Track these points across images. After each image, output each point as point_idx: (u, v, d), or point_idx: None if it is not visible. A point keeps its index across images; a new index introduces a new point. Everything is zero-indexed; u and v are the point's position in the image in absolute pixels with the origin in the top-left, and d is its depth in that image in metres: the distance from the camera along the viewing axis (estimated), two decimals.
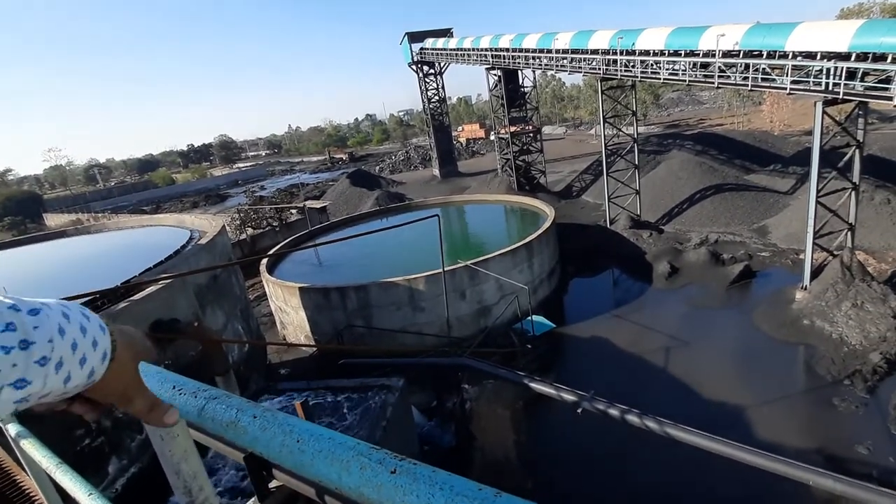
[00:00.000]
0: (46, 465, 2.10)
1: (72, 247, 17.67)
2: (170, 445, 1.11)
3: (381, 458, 0.67)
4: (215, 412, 0.91)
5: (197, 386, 1.00)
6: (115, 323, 0.87)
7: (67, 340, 0.70)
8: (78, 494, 1.84)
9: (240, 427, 0.86)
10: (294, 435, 0.78)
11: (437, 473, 0.63)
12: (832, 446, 11.04)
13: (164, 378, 1.05)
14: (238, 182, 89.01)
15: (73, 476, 1.93)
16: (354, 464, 0.68)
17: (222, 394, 0.95)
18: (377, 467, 0.66)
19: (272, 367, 16.80)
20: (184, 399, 0.98)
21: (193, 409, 0.95)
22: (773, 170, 30.63)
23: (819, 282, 16.16)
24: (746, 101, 57.83)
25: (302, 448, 0.75)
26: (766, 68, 16.42)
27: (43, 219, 64.44)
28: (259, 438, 0.83)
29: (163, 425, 0.91)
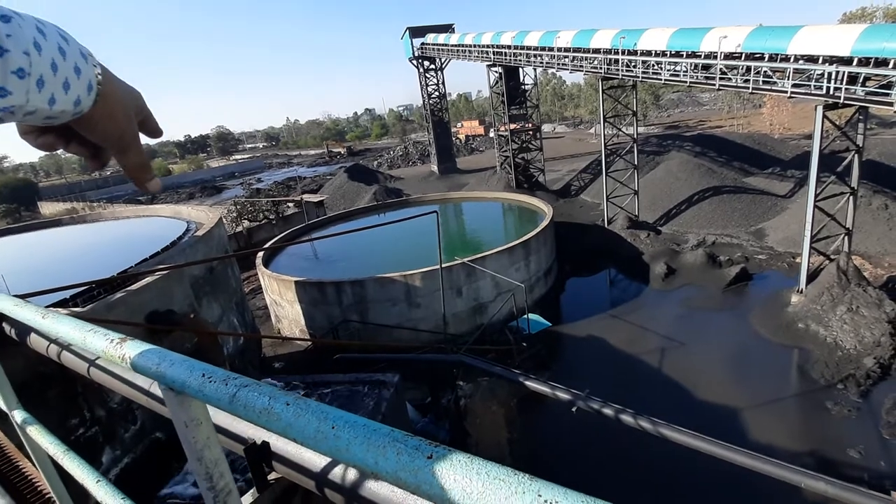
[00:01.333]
0: (54, 452, 2.16)
1: (67, 236, 17.55)
2: (194, 432, 1.13)
3: (417, 444, 0.69)
4: (248, 399, 0.91)
5: (227, 374, 1.00)
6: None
7: (46, 58, 0.67)
8: (86, 481, 1.91)
9: (273, 413, 0.86)
10: (329, 421, 0.78)
11: (474, 460, 0.64)
12: (825, 449, 11.11)
13: (192, 366, 1.05)
14: (235, 174, 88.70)
15: (80, 463, 2.01)
16: (391, 449, 0.69)
17: (253, 382, 0.95)
18: (414, 453, 0.67)
19: (267, 360, 16.77)
20: (214, 387, 0.97)
21: (225, 396, 0.94)
22: (772, 173, 30.70)
23: (815, 285, 16.22)
24: (747, 104, 57.95)
25: (337, 434, 0.75)
26: (768, 71, 16.41)
27: (38, 207, 64.08)
28: (293, 425, 0.82)
29: (146, 189, 0.95)
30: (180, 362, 1.07)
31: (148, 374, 1.12)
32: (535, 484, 0.61)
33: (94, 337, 1.34)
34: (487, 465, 0.63)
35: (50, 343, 2.65)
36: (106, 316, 9.36)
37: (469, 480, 0.61)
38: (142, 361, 1.14)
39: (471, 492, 0.61)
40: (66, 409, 8.95)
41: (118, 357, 1.22)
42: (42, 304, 8.94)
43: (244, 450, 2.38)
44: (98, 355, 1.32)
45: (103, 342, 1.29)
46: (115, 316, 9.53)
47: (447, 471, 0.63)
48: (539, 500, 0.59)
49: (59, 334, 1.52)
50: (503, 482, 0.61)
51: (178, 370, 1.05)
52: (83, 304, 9.93)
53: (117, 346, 1.24)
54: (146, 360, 1.13)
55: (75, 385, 9.10)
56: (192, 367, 1.04)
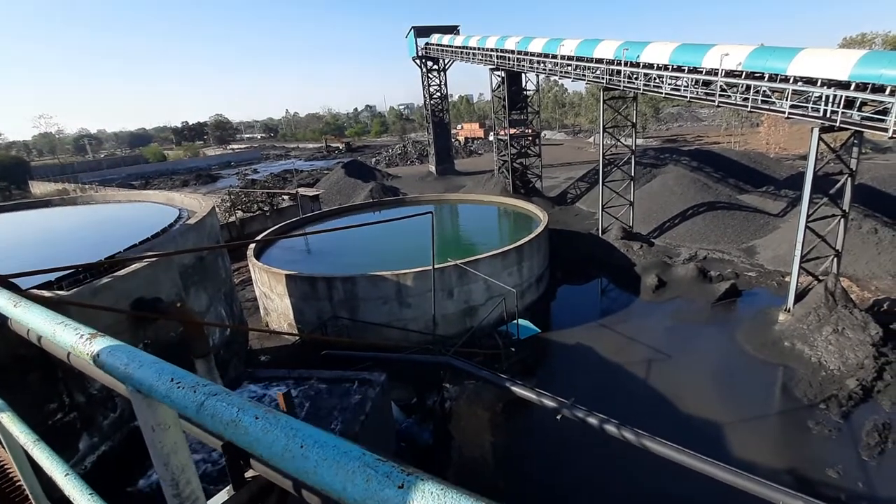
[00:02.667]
0: (24, 441, 2.13)
1: (56, 217, 17.26)
2: (161, 437, 1.11)
3: (388, 471, 0.65)
4: (215, 409, 0.88)
5: (196, 380, 0.97)
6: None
7: None
8: (54, 473, 1.89)
9: (241, 427, 0.83)
10: (297, 440, 0.75)
11: (447, 492, 0.60)
12: (804, 468, 11.20)
13: (162, 369, 1.02)
14: (231, 164, 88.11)
15: (49, 454, 2.00)
16: (360, 475, 0.65)
17: (222, 390, 0.93)
18: (384, 480, 0.63)
19: (253, 353, 16.61)
20: (182, 393, 0.95)
21: (192, 404, 0.92)
22: (766, 191, 31.00)
23: (802, 305, 16.38)
24: (745, 122, 58.50)
25: (305, 454, 0.72)
26: (767, 91, 16.57)
27: (29, 186, 63.13)
28: (261, 440, 0.79)
29: None
30: (149, 364, 1.04)
31: (115, 374, 1.08)
32: None
33: (63, 331, 1.31)
34: (462, 498, 0.59)
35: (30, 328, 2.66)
36: (91, 301, 9.20)
37: None
38: (110, 360, 1.11)
39: None
40: (46, 393, 8.81)
41: (87, 353, 1.19)
42: (26, 285, 8.77)
43: (222, 446, 2.32)
44: (67, 349, 1.30)
45: (73, 337, 1.26)
46: (101, 301, 9.37)
47: (418, 503, 0.59)
48: None
49: (30, 324, 1.49)
50: None
51: (147, 373, 1.01)
52: (68, 288, 9.75)
53: (86, 342, 1.22)
54: (114, 360, 1.10)
55: (56, 370, 8.97)
56: (162, 370, 1.01)
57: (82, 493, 1.72)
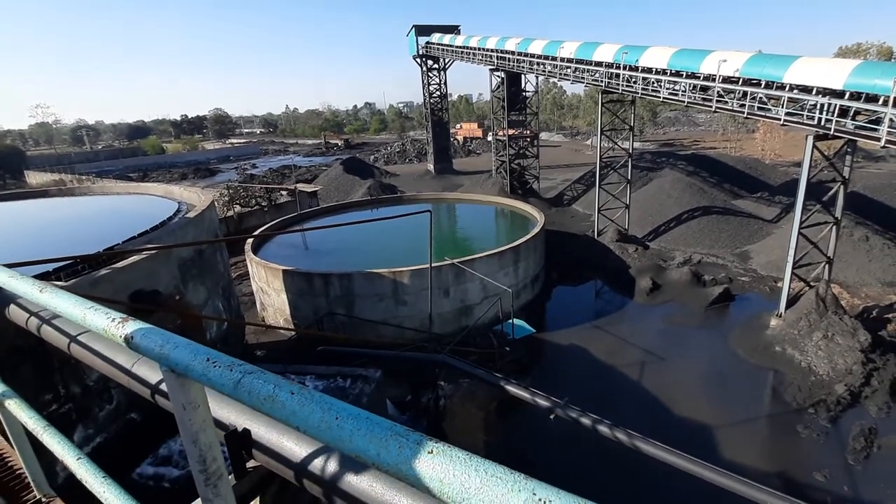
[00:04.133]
0: (33, 427, 2.14)
1: (53, 208, 17.21)
2: (191, 415, 1.15)
3: (419, 439, 0.71)
4: (252, 386, 0.93)
5: (231, 360, 1.01)
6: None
7: None
8: (66, 458, 1.90)
9: (278, 402, 0.88)
10: (333, 412, 0.80)
11: (472, 457, 0.67)
12: (792, 471, 11.38)
13: (196, 350, 1.06)
14: (230, 158, 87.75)
15: (61, 440, 2.00)
16: (393, 443, 0.71)
17: (256, 369, 0.97)
18: (415, 447, 0.70)
19: (249, 347, 16.64)
20: (218, 372, 0.99)
21: (230, 381, 0.96)
22: (760, 197, 31.28)
23: (794, 311, 16.60)
24: (741, 128, 58.90)
25: (341, 425, 0.77)
26: (763, 97, 16.75)
27: (24, 176, 62.57)
28: (297, 413, 0.84)
29: None
30: (184, 345, 1.08)
31: (150, 355, 1.12)
32: (531, 483, 0.66)
33: (94, 314, 1.32)
34: (486, 464, 0.66)
35: (30, 316, 2.59)
36: (89, 292, 9.20)
37: (468, 476, 0.64)
38: (144, 342, 1.14)
39: (469, 487, 0.64)
40: (41, 383, 8.82)
41: (119, 336, 1.21)
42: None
43: (225, 436, 2.36)
44: (97, 332, 1.30)
45: (104, 320, 1.28)
46: (99, 293, 9.38)
47: (447, 466, 0.66)
48: (534, 498, 0.65)
49: (57, 309, 1.49)
50: (500, 480, 0.64)
51: (182, 353, 1.06)
52: (66, 279, 9.76)
53: (119, 325, 1.24)
54: (149, 342, 1.13)
55: (52, 360, 8.97)
56: (196, 350, 1.06)
57: (95, 477, 1.74)
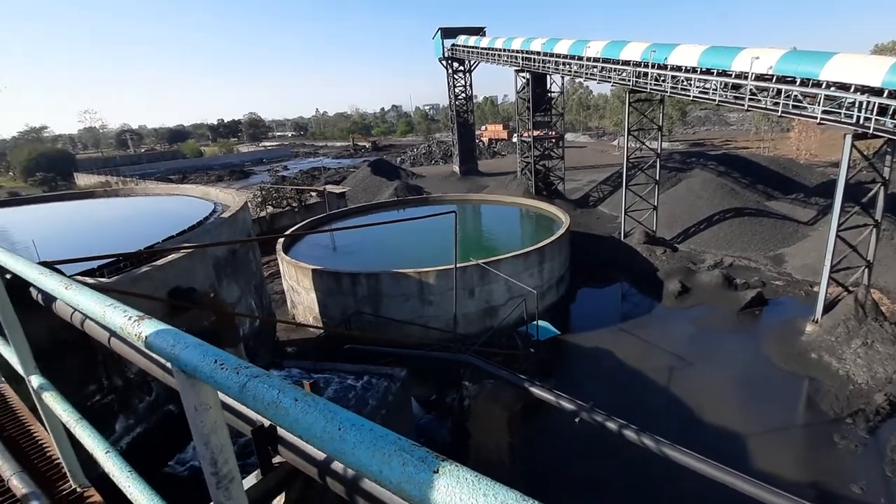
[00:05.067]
0: (67, 420, 2.19)
1: (99, 208, 18.17)
2: (202, 417, 1.14)
3: (424, 456, 0.67)
4: (257, 390, 0.90)
5: (238, 362, 0.99)
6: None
7: None
8: (95, 451, 1.96)
9: (281, 408, 0.85)
10: (336, 423, 0.77)
11: (481, 479, 0.61)
12: (827, 482, 11.01)
13: (206, 351, 1.05)
14: (263, 160, 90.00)
15: (92, 433, 2.06)
16: (396, 459, 0.67)
17: (263, 373, 0.96)
18: (419, 465, 0.65)
19: (280, 344, 17.12)
20: (225, 374, 0.97)
21: (235, 385, 0.94)
22: (795, 198, 30.22)
23: (831, 316, 16.02)
24: (775, 127, 56.96)
25: (343, 437, 0.74)
26: (798, 95, 16.24)
27: (74, 178, 65.79)
28: (300, 421, 0.81)
29: None
30: (195, 346, 1.07)
31: (162, 354, 1.13)
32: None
33: (112, 312, 1.34)
34: (496, 487, 0.61)
35: (74, 311, 2.62)
36: (130, 288, 9.69)
37: (475, 501, 0.60)
38: (157, 341, 1.15)
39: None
40: (85, 376, 9.32)
41: (134, 334, 1.22)
42: (70, 272, 9.32)
43: (252, 431, 2.42)
44: (115, 329, 1.31)
45: (121, 318, 1.29)
46: (140, 289, 9.86)
47: (453, 488, 0.61)
48: None
49: (80, 306, 1.53)
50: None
51: (192, 354, 1.05)
52: (109, 276, 10.30)
53: (135, 323, 1.24)
54: (161, 341, 1.14)
55: (96, 354, 9.47)
56: (206, 352, 1.04)
57: (122, 471, 1.76)
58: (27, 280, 1.96)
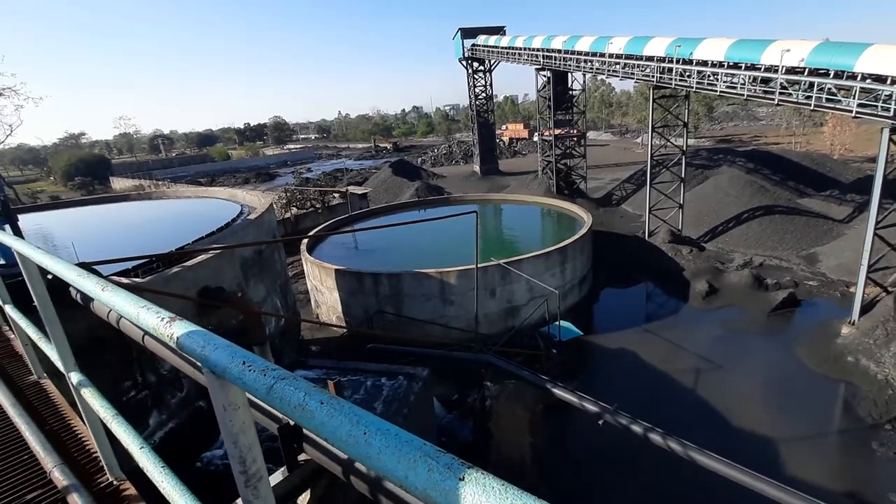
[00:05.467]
0: (104, 415, 2.26)
1: (133, 211, 18.91)
2: (231, 417, 1.17)
3: (449, 462, 0.66)
4: (284, 392, 0.92)
5: (266, 364, 1.00)
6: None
7: None
8: (130, 446, 2.02)
9: (307, 411, 0.86)
10: (361, 427, 0.77)
11: (508, 488, 0.60)
12: (864, 491, 10.58)
13: (234, 353, 1.06)
14: (287, 163, 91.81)
15: (127, 428, 2.12)
16: (422, 465, 0.67)
17: (290, 375, 0.97)
18: (445, 472, 0.64)
19: (304, 342, 17.43)
20: (253, 376, 0.98)
21: (263, 386, 0.95)
22: (830, 195, 29.12)
23: (869, 318, 15.39)
24: (807, 121, 54.96)
25: (369, 441, 0.75)
26: (832, 88, 15.66)
27: (110, 182, 68.36)
28: (326, 424, 0.82)
29: None
30: (224, 347, 1.09)
31: (193, 355, 1.16)
32: None
33: (146, 313, 1.39)
34: (524, 496, 0.60)
35: (110, 310, 2.67)
36: (163, 288, 10.03)
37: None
38: (188, 342, 1.18)
39: None
40: (121, 372, 9.68)
41: (167, 335, 1.26)
42: (107, 272, 9.69)
43: (278, 429, 2.47)
44: (149, 330, 1.36)
45: (154, 319, 1.34)
46: (171, 289, 10.19)
47: (479, 496, 0.61)
48: None
49: (115, 306, 1.59)
50: None
51: (221, 355, 1.07)
52: (143, 276, 10.68)
53: (167, 324, 1.29)
54: (192, 342, 1.17)
55: (131, 351, 9.83)
56: (234, 353, 1.06)
57: (155, 466, 1.83)
58: (67, 281, 2.04)
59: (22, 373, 4.17)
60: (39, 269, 2.44)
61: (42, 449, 2.78)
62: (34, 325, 3.22)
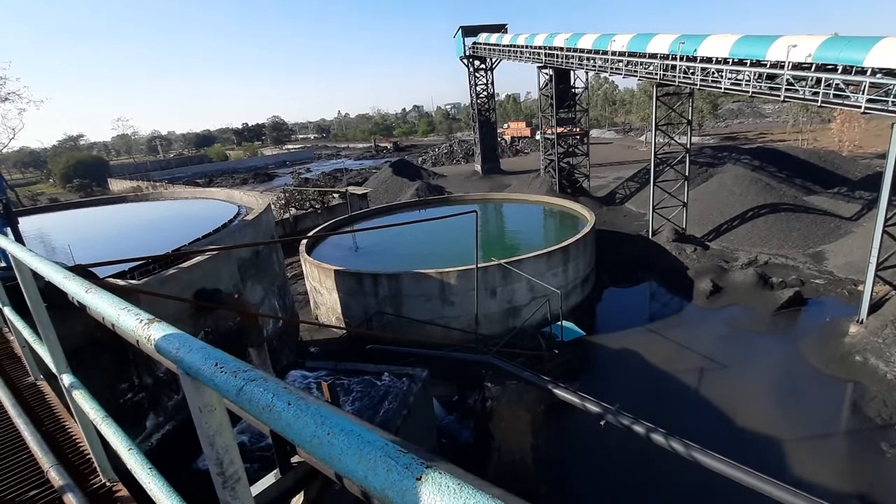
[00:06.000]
0: (94, 417, 2.28)
1: (130, 212, 18.87)
2: (207, 418, 1.17)
3: (409, 462, 0.67)
4: (253, 394, 0.94)
5: (238, 366, 1.02)
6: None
7: None
8: (119, 447, 2.03)
9: (275, 412, 0.88)
10: (325, 427, 0.79)
11: (463, 487, 0.61)
12: (874, 493, 10.36)
13: (208, 354, 1.08)
14: (286, 163, 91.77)
15: (116, 430, 2.13)
16: (381, 465, 0.68)
17: (260, 376, 0.98)
18: (403, 472, 0.66)
19: (303, 344, 17.32)
20: (224, 377, 1.00)
21: (233, 388, 0.98)
22: (837, 192, 28.77)
23: (877, 317, 15.11)
24: (814, 118, 54.45)
25: (332, 441, 0.76)
26: (840, 84, 15.38)
27: (107, 183, 68.60)
28: (292, 425, 0.84)
29: None
30: (197, 349, 1.10)
31: (169, 356, 1.17)
32: None
33: (126, 315, 1.43)
34: (478, 495, 0.60)
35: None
36: (159, 290, 9.91)
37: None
38: (164, 344, 1.20)
39: None
40: (118, 374, 9.58)
41: (144, 337, 1.29)
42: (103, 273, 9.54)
43: (270, 431, 2.44)
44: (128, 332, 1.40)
45: (133, 321, 1.38)
46: (168, 291, 10.07)
47: (434, 496, 0.61)
48: None
49: (98, 308, 1.63)
50: None
51: (195, 357, 1.08)
52: (139, 278, 10.57)
53: (145, 326, 1.32)
54: (168, 344, 1.19)
55: (127, 353, 9.72)
56: (208, 354, 1.07)
57: (143, 468, 1.85)
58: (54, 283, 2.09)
59: (20, 374, 4.27)
60: (33, 272, 2.47)
61: (39, 449, 2.89)
62: (30, 327, 3.27)
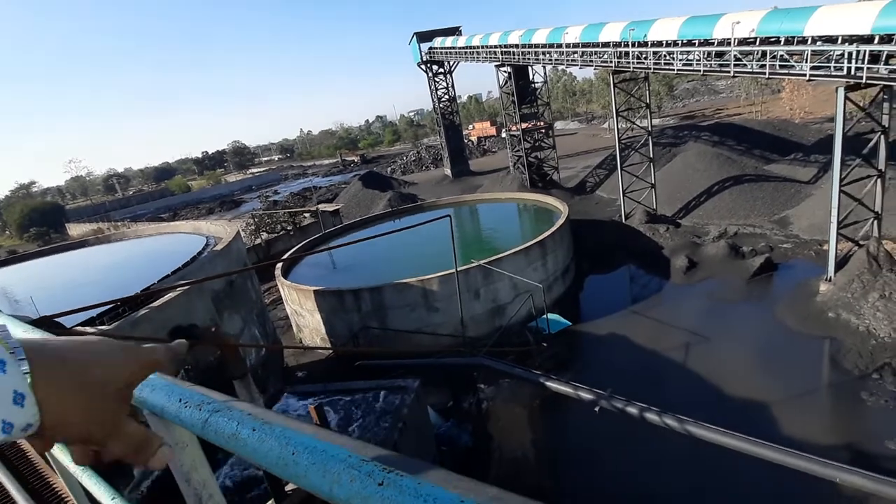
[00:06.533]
0: (74, 470, 2.23)
1: (93, 256, 18.18)
2: (180, 456, 1.15)
3: (371, 470, 0.68)
4: (217, 425, 0.92)
5: (202, 398, 1.00)
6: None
7: None
8: (102, 498, 1.89)
9: (240, 440, 0.86)
10: (290, 447, 0.79)
11: (422, 486, 0.64)
12: (861, 442, 10.71)
13: (171, 391, 1.05)
14: (252, 187, 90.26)
15: (97, 480, 1.98)
16: (345, 476, 0.69)
17: (224, 406, 0.96)
18: (366, 479, 0.67)
19: (289, 369, 16.97)
20: (189, 412, 0.98)
21: (198, 421, 0.95)
22: (794, 159, 29.85)
23: (844, 273, 15.69)
24: (765, 90, 56.45)
25: (296, 461, 0.76)
26: (784, 55, 15.97)
27: (66, 229, 66.24)
28: (257, 450, 0.83)
29: (153, 467, 0.84)
30: (161, 387, 1.08)
31: (135, 400, 1.12)
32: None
33: None
34: (436, 491, 0.64)
35: None
36: (131, 333, 9.57)
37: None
38: None
39: None
40: None
41: None
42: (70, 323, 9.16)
43: None
44: None
45: None
46: (141, 332, 9.75)
47: (396, 497, 0.64)
48: None
49: None
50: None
51: (158, 396, 1.06)
52: (109, 322, 10.19)
53: None
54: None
55: None
56: (171, 391, 1.05)
57: None
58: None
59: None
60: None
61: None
62: None
